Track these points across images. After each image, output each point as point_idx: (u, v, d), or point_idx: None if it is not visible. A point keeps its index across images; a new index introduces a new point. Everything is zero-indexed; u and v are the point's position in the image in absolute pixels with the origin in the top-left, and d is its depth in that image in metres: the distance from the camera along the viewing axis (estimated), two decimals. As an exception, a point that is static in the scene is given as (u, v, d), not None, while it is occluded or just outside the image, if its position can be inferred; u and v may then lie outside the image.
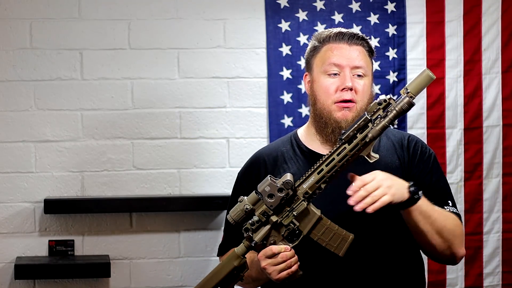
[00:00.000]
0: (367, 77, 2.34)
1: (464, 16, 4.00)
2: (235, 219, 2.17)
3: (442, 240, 2.25)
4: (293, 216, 2.16)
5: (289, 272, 2.16)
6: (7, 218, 3.77)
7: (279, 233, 2.18)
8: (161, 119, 3.85)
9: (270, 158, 2.41)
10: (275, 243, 2.18)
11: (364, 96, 2.32)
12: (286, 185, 2.13)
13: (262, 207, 2.16)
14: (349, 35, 2.35)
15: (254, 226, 2.17)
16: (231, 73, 3.89)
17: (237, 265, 2.20)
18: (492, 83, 4.02)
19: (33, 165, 3.77)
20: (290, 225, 2.17)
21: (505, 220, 4.04)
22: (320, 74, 2.35)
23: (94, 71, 3.81)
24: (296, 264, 2.17)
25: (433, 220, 2.22)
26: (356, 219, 2.26)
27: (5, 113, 3.76)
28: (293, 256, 2.16)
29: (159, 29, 3.84)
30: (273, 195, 2.14)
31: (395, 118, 2.11)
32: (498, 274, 4.05)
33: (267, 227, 2.17)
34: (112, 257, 3.81)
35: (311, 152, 2.37)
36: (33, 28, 3.76)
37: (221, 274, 2.21)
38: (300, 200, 2.16)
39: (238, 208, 2.17)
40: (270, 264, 2.16)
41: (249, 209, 2.16)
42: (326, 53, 2.35)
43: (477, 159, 4.01)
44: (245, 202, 2.16)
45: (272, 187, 2.14)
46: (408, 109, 2.12)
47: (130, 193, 3.83)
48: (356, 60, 2.33)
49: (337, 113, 2.31)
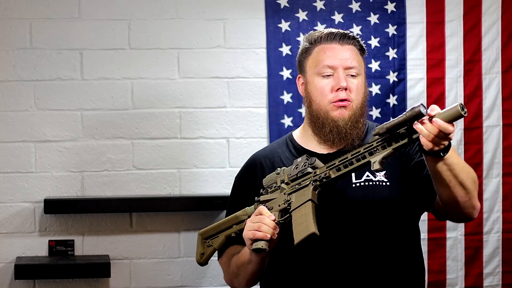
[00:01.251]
0: (360, 76, 2.35)
1: (464, 16, 4.00)
2: (266, 184, 2.28)
3: (464, 192, 2.19)
4: (295, 190, 2.20)
5: (254, 234, 2.17)
6: (7, 218, 3.77)
7: (278, 202, 2.23)
8: (161, 119, 3.85)
9: (267, 160, 2.41)
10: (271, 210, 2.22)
11: (359, 95, 2.33)
12: (311, 160, 2.21)
13: (285, 176, 2.25)
14: (340, 35, 2.35)
15: (271, 189, 2.26)
16: (231, 73, 3.89)
17: (238, 215, 2.30)
18: (492, 83, 4.02)
19: (33, 165, 3.77)
20: (288, 197, 2.21)
21: (505, 220, 4.04)
22: (314, 76, 2.35)
23: (94, 71, 3.81)
24: (265, 233, 2.16)
25: (457, 172, 2.15)
26: (357, 219, 2.27)
27: (5, 113, 3.77)
28: (270, 225, 2.17)
29: (159, 29, 3.84)
30: (297, 167, 2.22)
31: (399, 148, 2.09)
32: (498, 274, 4.05)
33: (276, 192, 2.24)
34: (112, 257, 3.81)
35: (306, 152, 2.37)
36: (33, 28, 3.76)
37: (225, 224, 2.32)
38: (309, 180, 2.19)
39: (272, 176, 2.28)
40: (250, 221, 2.21)
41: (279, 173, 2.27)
42: (318, 54, 2.35)
43: (477, 159, 4.01)
44: (280, 172, 2.27)
45: (302, 160, 2.23)
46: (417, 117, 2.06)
47: (130, 193, 3.83)
48: (348, 61, 2.33)
49: (334, 112, 2.32)
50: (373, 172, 2.31)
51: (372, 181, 2.31)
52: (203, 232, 2.37)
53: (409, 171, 2.33)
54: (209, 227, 2.36)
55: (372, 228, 2.29)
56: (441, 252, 3.98)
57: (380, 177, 2.32)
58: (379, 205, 2.30)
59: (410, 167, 2.32)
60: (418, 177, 2.31)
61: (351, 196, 2.30)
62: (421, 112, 2.00)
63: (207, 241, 2.35)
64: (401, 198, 2.31)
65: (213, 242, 2.34)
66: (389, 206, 2.30)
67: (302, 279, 2.29)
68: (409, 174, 2.32)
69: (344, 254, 2.26)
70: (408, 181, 2.32)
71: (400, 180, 2.32)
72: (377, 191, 2.30)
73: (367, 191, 2.30)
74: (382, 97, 3.93)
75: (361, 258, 2.28)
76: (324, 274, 2.29)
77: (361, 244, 2.26)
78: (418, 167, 2.31)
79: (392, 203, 2.30)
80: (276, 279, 2.36)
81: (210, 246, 2.34)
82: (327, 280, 2.29)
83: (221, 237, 2.32)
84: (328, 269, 2.29)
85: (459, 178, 2.16)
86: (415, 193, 2.32)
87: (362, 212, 2.29)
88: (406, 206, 2.33)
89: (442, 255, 3.99)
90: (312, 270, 2.29)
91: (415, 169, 2.31)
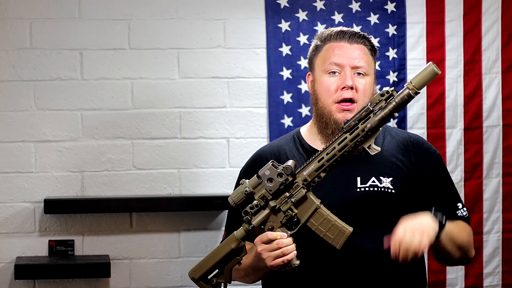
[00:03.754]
0: (369, 76, 2.34)
1: (464, 16, 4.00)
2: (235, 201, 2.18)
3: (461, 252, 2.32)
4: (292, 202, 2.16)
5: (284, 260, 2.14)
6: (7, 218, 3.77)
7: (278, 219, 2.18)
8: (161, 119, 3.85)
9: (273, 156, 2.40)
10: (273, 229, 2.18)
11: (366, 95, 2.32)
12: (285, 170, 2.14)
13: (261, 191, 2.17)
14: (350, 34, 2.35)
15: (253, 209, 2.17)
16: (231, 73, 3.89)
17: (235, 248, 2.20)
18: (492, 83, 4.02)
19: (33, 165, 3.77)
20: (288, 211, 2.17)
21: (505, 220, 4.04)
22: (321, 73, 2.35)
23: (94, 71, 3.81)
24: (292, 252, 2.15)
25: (453, 237, 2.25)
26: (360, 222, 2.26)
27: (5, 113, 3.77)
28: (289, 244, 2.15)
29: (159, 29, 3.84)
30: (272, 180, 2.15)
31: (395, 109, 2.10)
32: (498, 274, 4.05)
33: (266, 212, 2.17)
34: (112, 257, 3.81)
35: (314, 150, 2.36)
36: (33, 28, 3.76)
37: (219, 256, 2.21)
38: (299, 187, 2.16)
39: (239, 191, 2.18)
40: (265, 250, 2.16)
41: (249, 191, 2.16)
42: (327, 52, 2.35)
43: (477, 159, 4.01)
44: (245, 185, 2.17)
45: (272, 171, 2.15)
46: (408, 101, 2.10)
47: (130, 193, 3.83)
48: (356, 60, 2.32)
49: (338, 115, 2.31)
50: (379, 177, 2.31)
51: (378, 187, 2.30)
52: (195, 270, 2.23)
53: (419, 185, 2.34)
54: (197, 265, 2.24)
55: (374, 227, 2.29)
56: (441, 252, 3.99)
57: (386, 183, 2.31)
58: (382, 211, 2.29)
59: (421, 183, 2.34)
60: (429, 195, 2.34)
61: (356, 200, 2.29)
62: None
63: (212, 280, 2.23)
64: (405, 207, 2.31)
65: (220, 279, 2.23)
66: (392, 214, 2.29)
67: (304, 280, 2.29)
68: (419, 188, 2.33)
69: (347, 256, 2.26)
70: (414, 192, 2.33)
71: (406, 189, 2.32)
72: (381, 198, 2.30)
73: (371, 197, 2.30)
74: (382, 97, 3.93)
75: (362, 257, 2.28)
76: (326, 275, 2.29)
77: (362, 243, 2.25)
78: (430, 186, 2.34)
79: (396, 211, 2.29)
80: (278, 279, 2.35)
81: (219, 283, 2.23)
82: (329, 281, 2.29)
83: (226, 270, 2.22)
84: (331, 270, 2.29)
85: (458, 242, 2.28)
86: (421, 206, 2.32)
87: (366, 216, 2.29)
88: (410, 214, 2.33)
89: (442, 255, 3.99)
90: (315, 271, 2.29)
91: (428, 187, 2.34)
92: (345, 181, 2.27)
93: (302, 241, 2.20)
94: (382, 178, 2.31)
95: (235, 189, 2.42)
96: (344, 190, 2.26)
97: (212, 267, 2.22)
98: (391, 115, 2.11)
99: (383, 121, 2.11)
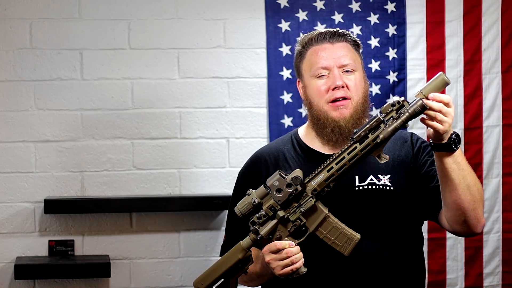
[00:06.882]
0: (357, 71, 2.35)
1: (464, 16, 4.00)
2: (242, 212, 2.18)
3: (471, 198, 2.20)
4: (300, 212, 2.17)
5: (292, 268, 2.16)
6: (7, 218, 3.77)
7: (285, 228, 2.18)
8: (161, 119, 3.85)
9: (271, 157, 2.40)
10: (281, 238, 2.18)
11: (358, 90, 2.33)
12: (295, 180, 2.14)
13: (270, 201, 2.16)
14: (330, 34, 2.35)
15: (261, 220, 2.18)
16: (231, 73, 3.89)
17: (242, 258, 2.20)
18: (492, 83, 4.02)
19: (33, 165, 3.77)
20: (297, 221, 2.17)
21: (505, 220, 4.04)
22: (310, 79, 2.36)
23: (94, 71, 3.81)
24: (300, 260, 2.17)
25: (465, 174, 2.18)
26: (359, 221, 2.26)
27: (5, 113, 3.77)
28: (297, 253, 2.17)
29: (159, 29, 3.84)
30: (281, 190, 2.14)
31: (408, 120, 2.10)
32: (498, 274, 4.05)
33: (274, 222, 2.18)
34: (112, 257, 3.81)
35: (312, 151, 2.37)
36: (33, 28, 3.76)
37: (225, 266, 2.21)
38: (308, 197, 2.16)
39: (246, 201, 2.17)
40: (274, 259, 2.17)
41: (257, 202, 2.16)
42: (311, 56, 2.35)
43: (477, 159, 4.01)
44: (253, 195, 2.17)
45: (281, 182, 2.14)
46: (421, 112, 2.11)
47: (130, 193, 3.83)
48: (342, 58, 2.33)
49: (333, 113, 2.32)
50: (377, 175, 2.31)
51: (376, 185, 2.31)
52: (200, 281, 2.23)
53: (416, 179, 2.32)
54: (203, 274, 2.23)
55: (374, 227, 2.29)
56: (441, 252, 3.98)
57: (384, 181, 2.31)
58: (381, 209, 2.30)
59: (419, 175, 2.33)
60: (426, 187, 2.31)
61: (354, 199, 2.30)
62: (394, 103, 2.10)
63: None
64: (404, 204, 2.31)
65: None
66: (392, 211, 2.29)
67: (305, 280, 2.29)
68: (416, 183, 2.32)
69: (346, 255, 2.26)
70: (413, 189, 2.33)
71: (405, 186, 2.32)
72: (380, 195, 2.30)
73: (370, 195, 2.30)
74: (382, 97, 3.93)
75: (363, 257, 2.28)
76: (327, 275, 2.30)
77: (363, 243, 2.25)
78: (427, 178, 2.31)
79: (395, 208, 2.30)
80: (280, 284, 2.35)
81: None
82: (328, 278, 2.30)
83: (232, 281, 2.23)
84: (331, 270, 2.29)
85: (467, 180, 2.18)
86: (420, 202, 2.33)
87: (365, 215, 2.29)
88: (408, 212, 2.33)
89: (442, 255, 3.99)
90: (315, 271, 2.29)
91: (424, 179, 2.32)
92: (343, 180, 2.28)
93: (306, 247, 2.20)
94: (380, 176, 2.31)
95: (234, 193, 2.43)
96: (343, 189, 2.27)
97: (218, 278, 2.22)
98: (403, 126, 2.12)
99: (395, 132, 2.11)
